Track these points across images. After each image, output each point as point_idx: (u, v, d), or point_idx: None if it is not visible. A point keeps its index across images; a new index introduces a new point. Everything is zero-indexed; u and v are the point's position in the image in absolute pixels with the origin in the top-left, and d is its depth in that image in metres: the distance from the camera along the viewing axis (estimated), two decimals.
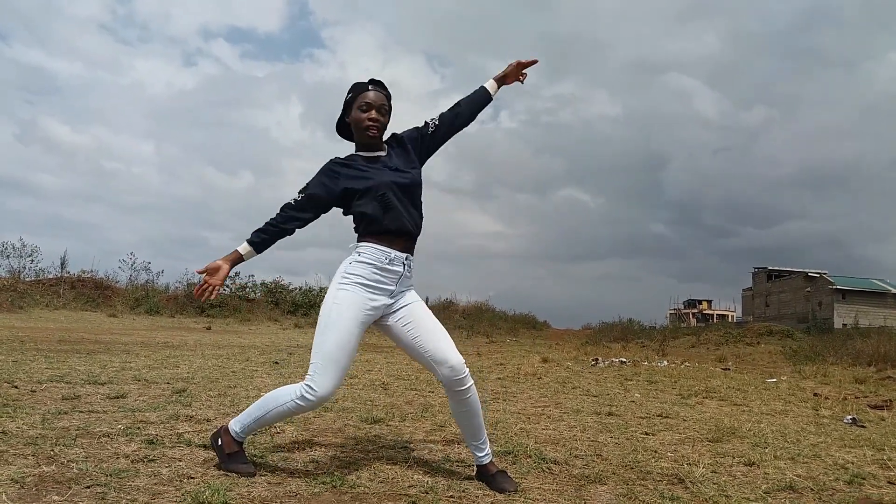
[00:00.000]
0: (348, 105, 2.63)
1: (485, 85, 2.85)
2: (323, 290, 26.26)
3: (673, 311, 57.84)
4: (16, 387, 4.28)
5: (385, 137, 2.67)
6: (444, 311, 27.69)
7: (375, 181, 2.51)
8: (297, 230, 2.62)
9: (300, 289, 26.30)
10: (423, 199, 2.66)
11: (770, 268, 56.78)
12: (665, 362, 10.43)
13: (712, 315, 63.67)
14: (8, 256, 22.63)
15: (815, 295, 48.88)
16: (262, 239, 2.57)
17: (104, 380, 4.86)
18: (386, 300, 2.49)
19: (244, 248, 2.58)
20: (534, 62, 2.87)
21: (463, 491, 2.41)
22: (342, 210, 2.62)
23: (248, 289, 25.95)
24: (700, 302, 69.82)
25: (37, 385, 4.42)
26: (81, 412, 3.50)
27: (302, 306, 24.85)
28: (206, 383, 5.01)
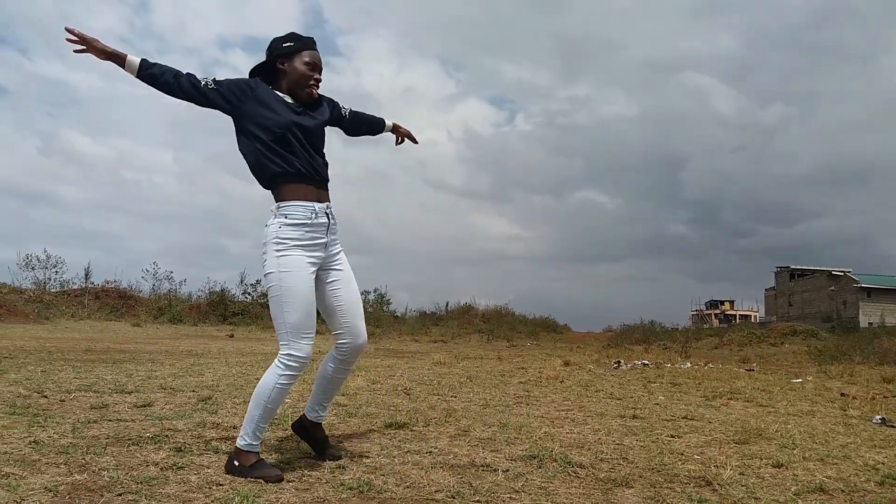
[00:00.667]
0: (289, 54, 2.67)
1: (386, 121, 3.25)
2: None
3: (695, 313, 57.37)
4: (45, 396, 4.35)
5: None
6: (464, 315, 27.70)
7: (282, 117, 2.58)
8: (175, 95, 2.59)
9: None
10: (324, 147, 2.75)
11: (793, 267, 56.14)
12: (688, 364, 10.34)
13: (735, 315, 63.05)
14: (33, 268, 23.07)
15: (839, 294, 48.21)
16: (155, 68, 2.55)
17: (131, 388, 4.92)
18: (321, 253, 2.63)
19: (134, 58, 2.54)
20: (414, 141, 3.37)
21: (490, 494, 2.41)
22: (237, 138, 2.67)
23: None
24: (722, 302, 69.16)
25: (66, 394, 4.48)
26: (110, 421, 3.55)
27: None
28: (231, 390, 5.05)
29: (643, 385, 6.78)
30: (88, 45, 2.49)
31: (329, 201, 2.69)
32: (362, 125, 3.12)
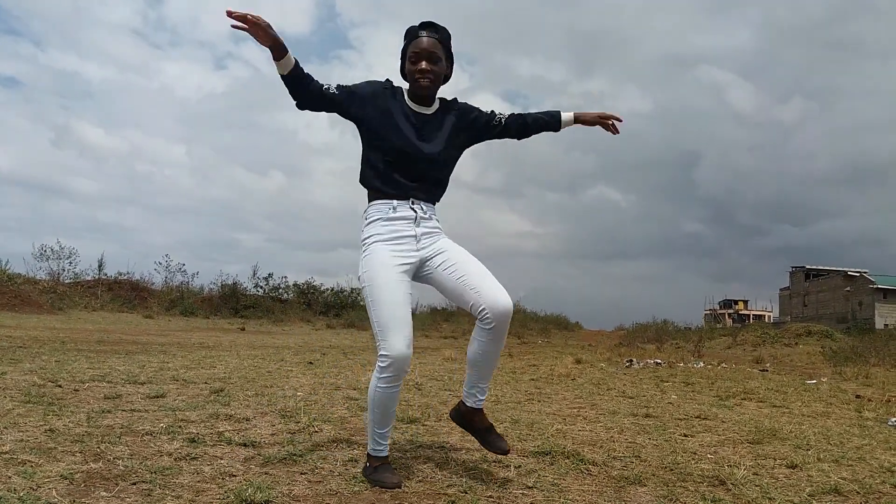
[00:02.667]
0: (403, 55, 2.53)
1: (562, 114, 2.75)
2: (354, 291, 26.46)
3: (708, 312, 57.10)
4: (60, 386, 4.39)
5: (448, 96, 2.62)
6: None
7: (400, 144, 2.44)
8: (304, 98, 2.44)
9: (332, 290, 26.59)
10: (447, 173, 2.59)
11: (808, 267, 55.73)
12: (701, 363, 10.28)
13: (749, 315, 62.67)
14: (48, 259, 23.26)
15: (854, 294, 47.81)
16: (302, 70, 2.39)
17: (144, 379, 4.95)
18: (412, 246, 2.43)
19: (291, 56, 2.35)
20: (617, 119, 2.77)
21: (503, 489, 2.40)
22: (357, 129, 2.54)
23: (280, 290, 26.27)
24: (736, 302, 68.78)
25: (79, 384, 4.52)
26: (124, 411, 3.58)
27: (334, 307, 25.09)
28: (242, 383, 5.08)
29: (656, 384, 6.75)
30: (257, 27, 2.27)
31: (419, 198, 2.49)
32: (529, 127, 2.74)
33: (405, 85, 2.57)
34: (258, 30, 2.28)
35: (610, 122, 2.77)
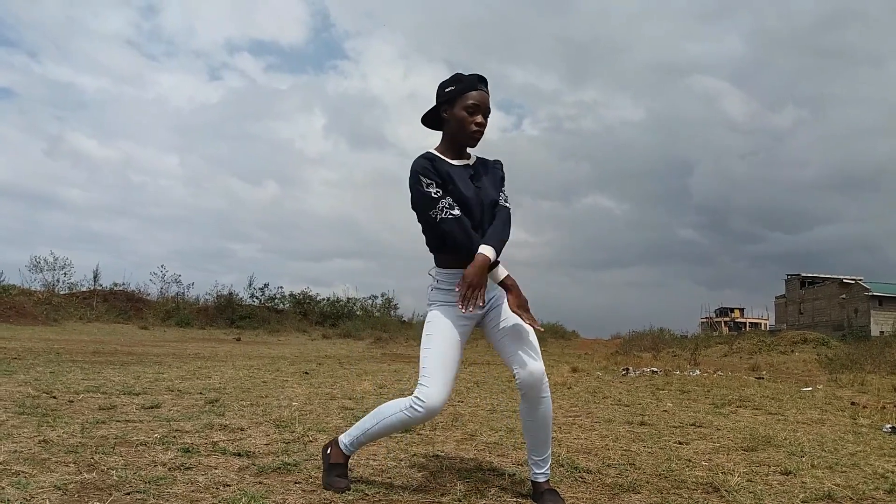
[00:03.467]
0: (451, 99, 2.41)
1: (499, 266, 2.39)
2: (350, 301, 26.45)
3: (704, 320, 57.13)
4: (54, 397, 4.38)
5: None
6: None
7: (466, 195, 2.38)
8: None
9: (328, 299, 26.54)
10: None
11: (803, 274, 55.84)
12: (697, 371, 10.29)
13: (745, 323, 62.73)
14: (42, 270, 23.20)
15: (850, 302, 47.92)
16: (485, 236, 2.38)
17: (138, 390, 4.94)
18: (477, 308, 2.35)
19: (490, 252, 2.33)
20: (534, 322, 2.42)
21: (497, 498, 2.41)
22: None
23: (276, 300, 26.24)
24: (732, 310, 68.85)
25: (74, 395, 4.51)
26: (118, 421, 3.57)
27: (330, 317, 25.05)
28: (238, 393, 5.07)
29: (651, 392, 6.76)
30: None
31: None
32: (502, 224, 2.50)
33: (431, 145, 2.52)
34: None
35: (526, 318, 2.42)
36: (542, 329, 2.46)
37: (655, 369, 10.14)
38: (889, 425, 4.63)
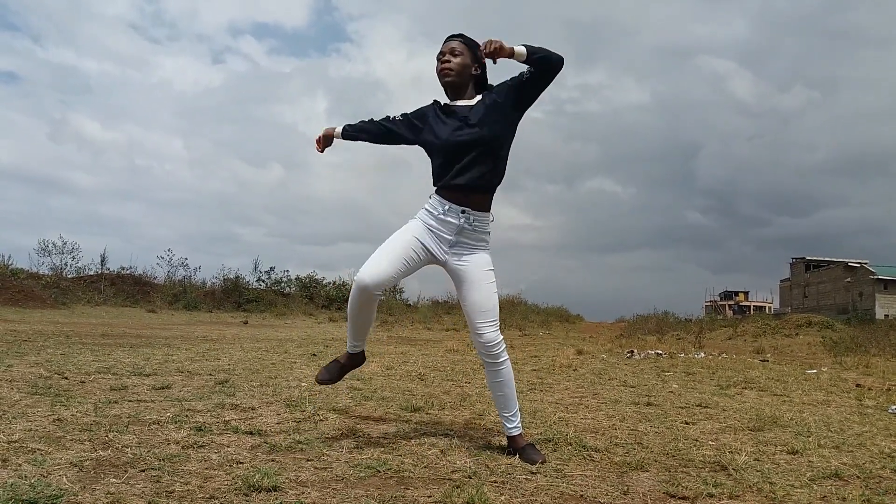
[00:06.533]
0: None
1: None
2: None
3: (709, 303, 57.10)
4: (66, 378, 4.42)
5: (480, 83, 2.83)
6: None
7: (439, 140, 2.72)
8: (380, 135, 2.94)
9: (334, 283, 26.57)
10: (500, 153, 2.73)
11: (808, 258, 55.67)
12: (702, 354, 10.30)
13: (749, 307, 62.67)
14: (50, 254, 23.26)
15: (855, 285, 47.79)
16: (353, 125, 2.98)
17: (149, 371, 4.99)
18: (441, 247, 2.72)
19: (336, 128, 3.02)
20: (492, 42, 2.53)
21: (507, 475, 2.44)
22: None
23: (282, 284, 26.31)
24: (737, 293, 68.77)
25: (85, 376, 4.55)
26: (130, 401, 3.61)
27: (336, 300, 25.08)
28: (247, 374, 5.11)
29: (657, 374, 6.78)
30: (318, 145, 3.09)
31: (473, 207, 2.71)
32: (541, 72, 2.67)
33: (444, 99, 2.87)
34: (318, 146, 3.10)
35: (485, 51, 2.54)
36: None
37: (660, 352, 10.16)
38: (895, 406, 4.65)
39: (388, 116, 2.92)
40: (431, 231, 2.71)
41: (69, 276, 23.01)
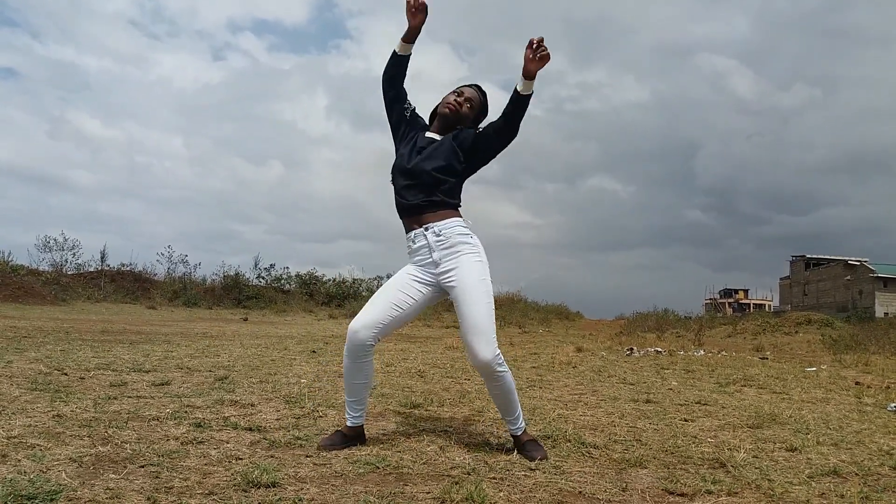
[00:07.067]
0: (449, 94, 2.90)
1: (517, 87, 2.62)
2: (356, 282, 26.53)
3: (709, 301, 57.11)
4: (65, 374, 4.43)
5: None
6: None
7: (397, 157, 2.83)
8: (395, 85, 2.93)
9: (334, 280, 26.56)
10: (441, 188, 2.73)
11: (808, 256, 55.66)
12: (702, 352, 10.31)
13: (749, 304, 62.68)
14: (50, 250, 23.26)
15: (855, 283, 47.79)
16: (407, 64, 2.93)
17: (148, 368, 4.99)
18: (432, 270, 2.72)
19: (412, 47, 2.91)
20: (538, 41, 2.53)
21: (506, 471, 2.44)
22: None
23: (282, 281, 26.31)
24: (736, 291, 68.79)
25: (85, 372, 4.56)
26: (130, 397, 3.61)
27: (336, 297, 25.09)
28: (247, 371, 5.11)
29: (656, 371, 6.79)
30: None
31: (432, 222, 2.72)
32: (500, 120, 2.72)
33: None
34: (418, 10, 2.79)
35: (534, 45, 2.53)
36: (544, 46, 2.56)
37: (660, 349, 10.17)
38: (894, 404, 4.65)
39: (408, 103, 2.97)
40: (416, 264, 2.75)
41: (69, 273, 23.01)
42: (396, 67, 2.88)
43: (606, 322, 28.70)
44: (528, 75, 2.57)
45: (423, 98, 2.77)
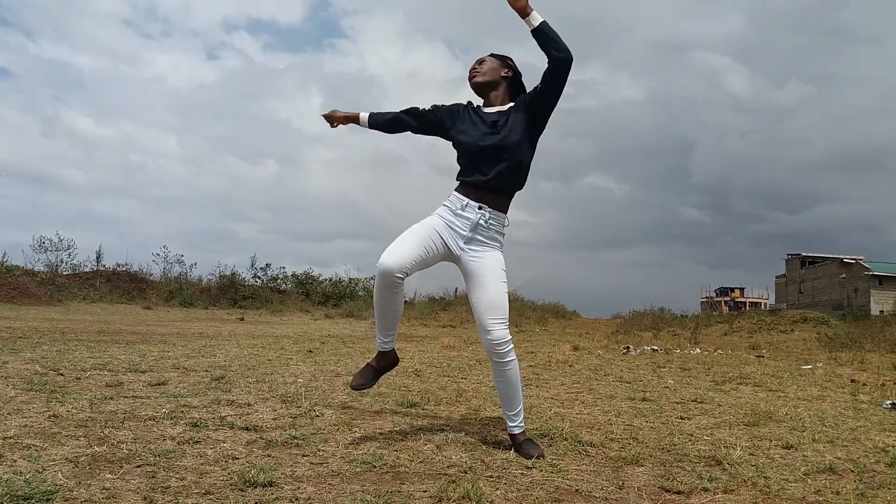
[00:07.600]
0: None
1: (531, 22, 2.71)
2: (353, 281, 26.54)
3: (705, 299, 57.24)
4: (61, 374, 4.41)
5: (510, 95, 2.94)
6: None
7: (468, 141, 2.82)
8: (399, 125, 3.06)
9: (330, 280, 26.59)
10: (522, 160, 2.82)
11: (804, 254, 55.80)
12: (698, 350, 10.34)
13: (745, 303, 62.80)
14: (46, 251, 23.22)
15: (850, 281, 47.93)
16: (379, 114, 3.08)
17: (145, 368, 4.98)
18: (457, 242, 2.77)
19: (363, 114, 3.11)
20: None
21: (502, 470, 2.44)
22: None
23: (279, 280, 26.30)
24: (732, 290, 68.95)
25: (81, 373, 4.54)
26: (126, 398, 3.61)
27: (332, 297, 25.11)
28: (243, 370, 5.11)
29: (652, 369, 6.80)
30: (339, 118, 3.15)
31: (491, 206, 2.79)
32: (548, 60, 2.73)
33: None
34: (333, 121, 3.18)
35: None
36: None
37: (656, 348, 10.19)
38: (889, 401, 4.67)
39: (415, 107, 3.04)
40: (448, 226, 2.78)
41: (65, 273, 22.99)
42: (385, 129, 3.10)
43: (603, 321, 28.71)
44: (522, 13, 2.68)
45: (419, 96, 2.80)
